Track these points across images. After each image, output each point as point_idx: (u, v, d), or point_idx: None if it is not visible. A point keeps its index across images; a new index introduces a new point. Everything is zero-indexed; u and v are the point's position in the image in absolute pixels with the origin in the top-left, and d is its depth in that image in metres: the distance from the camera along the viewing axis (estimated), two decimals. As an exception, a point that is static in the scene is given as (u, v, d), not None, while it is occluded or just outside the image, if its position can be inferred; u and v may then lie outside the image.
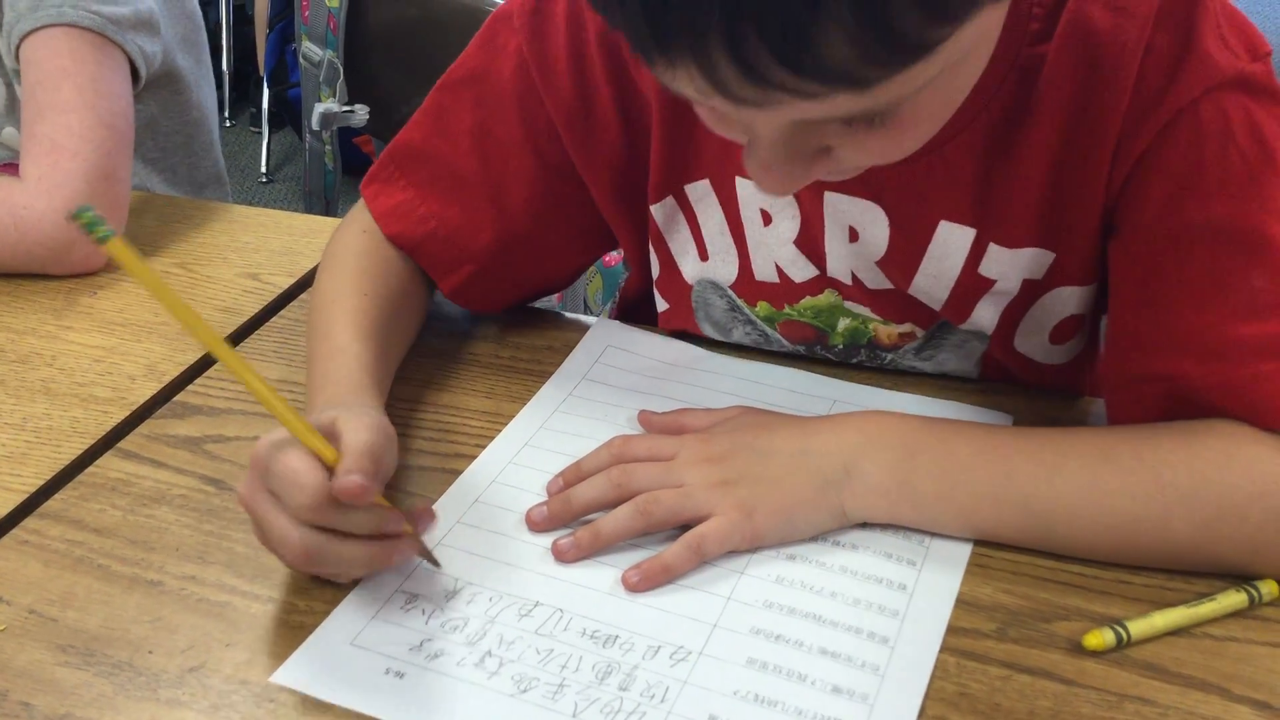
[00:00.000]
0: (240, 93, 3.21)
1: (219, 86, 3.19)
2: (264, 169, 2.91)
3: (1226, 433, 0.57)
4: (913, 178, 0.64)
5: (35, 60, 0.90)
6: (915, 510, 0.60)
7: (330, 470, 0.53)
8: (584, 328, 0.80)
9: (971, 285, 0.68)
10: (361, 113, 1.36)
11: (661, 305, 0.81)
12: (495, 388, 0.74)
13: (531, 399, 0.72)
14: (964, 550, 0.60)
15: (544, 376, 0.75)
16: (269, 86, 2.79)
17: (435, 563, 0.58)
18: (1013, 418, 0.70)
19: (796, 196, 0.69)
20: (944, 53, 0.44)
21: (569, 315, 0.84)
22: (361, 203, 0.79)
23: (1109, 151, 0.60)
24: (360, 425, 0.55)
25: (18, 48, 0.91)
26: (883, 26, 0.41)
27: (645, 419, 0.69)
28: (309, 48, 1.39)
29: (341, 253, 0.75)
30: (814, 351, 0.76)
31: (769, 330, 0.76)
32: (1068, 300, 0.68)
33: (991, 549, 0.60)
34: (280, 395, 0.53)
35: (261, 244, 0.92)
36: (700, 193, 0.72)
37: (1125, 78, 0.58)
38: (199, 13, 1.12)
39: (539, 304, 0.83)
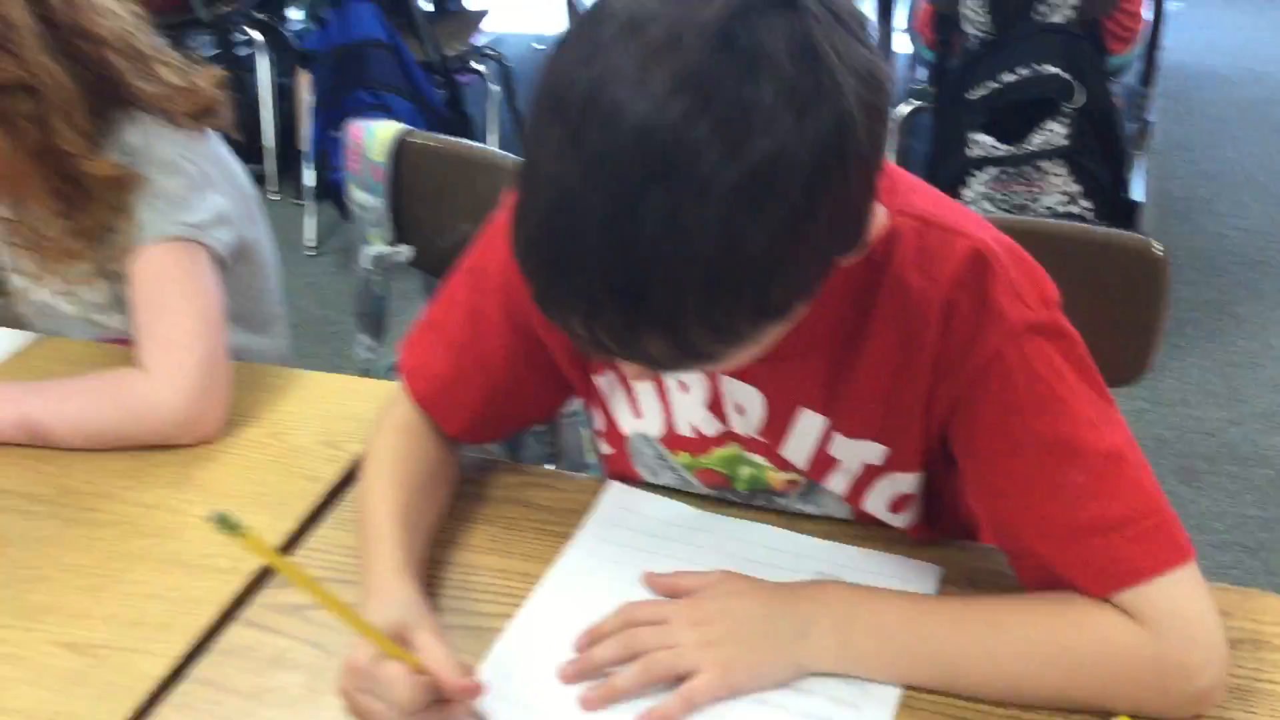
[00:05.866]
0: (283, 166, 3.42)
1: (260, 161, 3.40)
2: (311, 241, 3.12)
3: (1082, 605, 0.75)
4: (782, 374, 0.84)
5: (144, 272, 1.10)
6: (855, 664, 0.79)
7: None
8: (595, 488, 0.99)
9: (823, 460, 0.88)
10: (406, 251, 1.55)
11: (605, 449, 1.00)
12: (531, 550, 0.93)
13: (558, 559, 0.91)
14: (895, 694, 0.78)
15: (565, 537, 0.93)
16: (315, 169, 3.00)
17: None
18: (943, 569, 0.88)
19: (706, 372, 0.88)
20: (730, 356, 0.68)
21: (583, 477, 1.02)
22: (395, 396, 0.98)
23: (925, 382, 0.79)
24: (431, 636, 0.76)
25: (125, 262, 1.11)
26: (686, 346, 0.64)
27: (649, 580, 0.88)
28: (359, 195, 1.58)
29: (379, 448, 0.95)
30: (724, 494, 0.96)
31: (688, 476, 0.96)
32: (900, 482, 0.87)
33: (919, 692, 0.78)
34: (368, 623, 0.73)
35: (337, 410, 1.11)
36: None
37: (932, 329, 0.77)
38: (251, 183, 1.30)
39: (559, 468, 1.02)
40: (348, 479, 1.03)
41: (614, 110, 0.59)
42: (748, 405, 0.87)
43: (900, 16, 3.18)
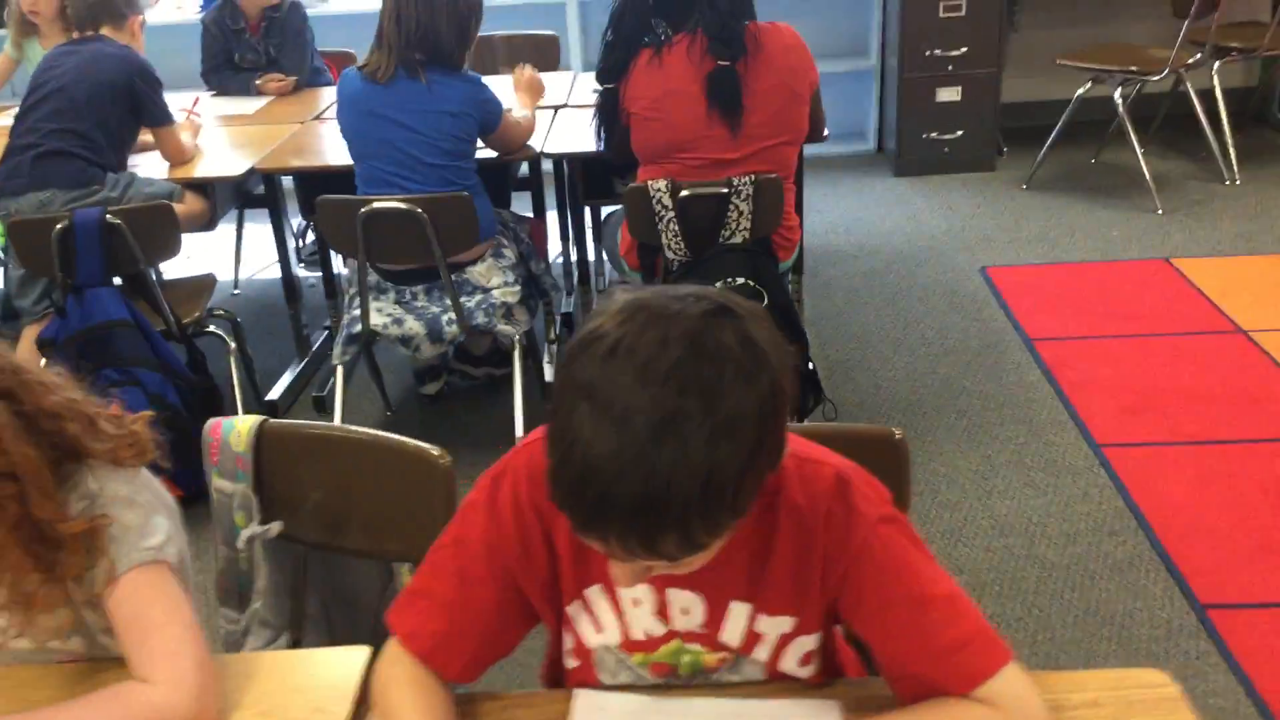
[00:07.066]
0: None
1: None
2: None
3: (954, 703, 1.11)
4: (716, 578, 1.15)
5: (125, 599, 1.26)
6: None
7: None
8: (564, 698, 1.24)
9: (751, 636, 1.21)
10: (276, 527, 1.74)
11: (572, 664, 1.28)
12: (535, 758, 1.17)
13: (561, 760, 1.16)
14: None
15: (558, 742, 1.19)
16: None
17: None
18: (839, 702, 1.21)
19: (654, 588, 1.19)
20: (715, 545, 1.00)
21: (551, 692, 1.28)
22: (391, 649, 1.21)
23: (819, 567, 1.14)
24: None
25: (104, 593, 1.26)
26: (692, 542, 0.96)
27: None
28: (222, 484, 1.75)
29: (396, 704, 1.17)
30: (670, 680, 1.26)
31: (642, 672, 1.25)
32: (806, 643, 1.21)
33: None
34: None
35: (312, 681, 1.30)
36: (595, 593, 1.22)
37: (818, 527, 1.13)
38: (171, 498, 1.47)
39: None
40: (352, 735, 1.23)
41: (629, 391, 0.92)
42: (691, 607, 1.19)
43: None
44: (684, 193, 2.82)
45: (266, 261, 4.62)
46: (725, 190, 2.81)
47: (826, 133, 3.21)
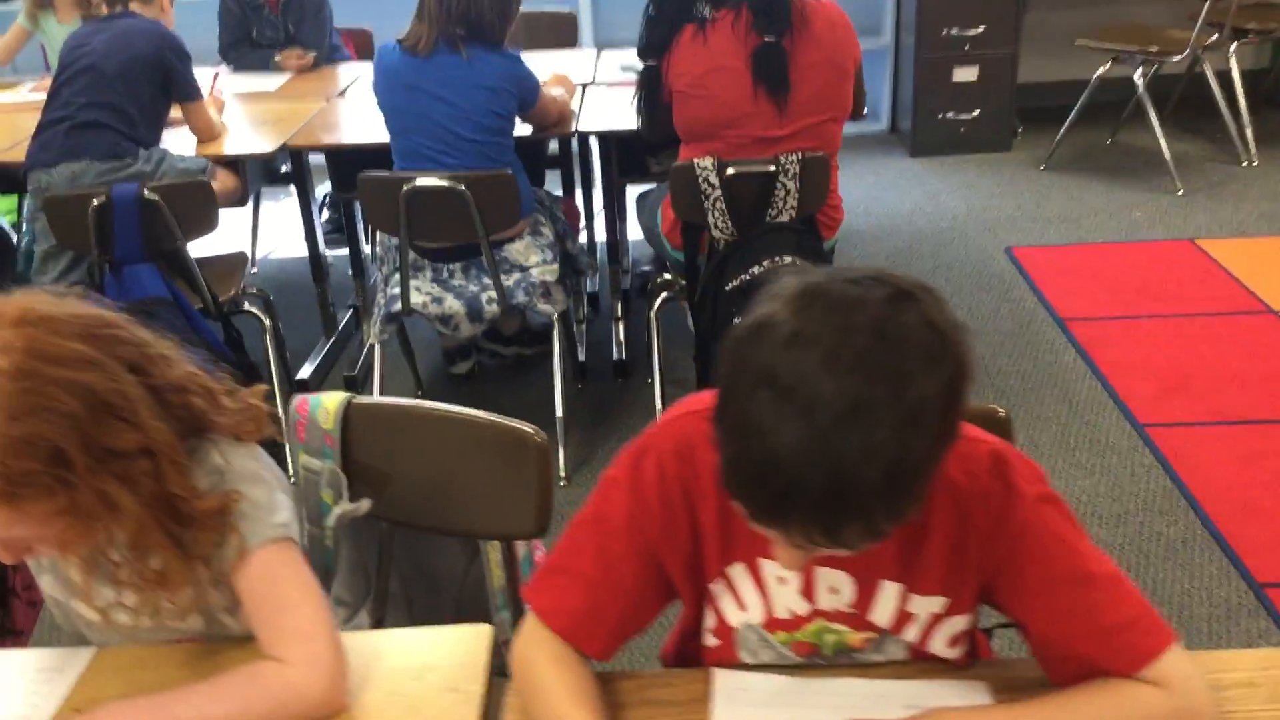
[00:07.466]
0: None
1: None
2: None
3: (1122, 684, 1.10)
4: (866, 557, 1.10)
5: (256, 576, 1.23)
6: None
7: None
8: (702, 677, 1.22)
9: (901, 616, 1.19)
10: (365, 504, 1.71)
11: (712, 642, 1.26)
12: (683, 736, 1.16)
13: (711, 741, 1.15)
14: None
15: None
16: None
17: None
18: (987, 684, 1.20)
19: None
20: (892, 532, 0.97)
21: (687, 671, 1.26)
22: (530, 626, 1.19)
23: (977, 547, 1.12)
24: None
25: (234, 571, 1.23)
26: (875, 531, 0.95)
27: (787, 739, 1.14)
28: (309, 462, 1.72)
29: (547, 683, 1.15)
30: (813, 660, 1.23)
31: (785, 650, 1.23)
32: (956, 623, 1.20)
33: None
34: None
35: (444, 660, 1.27)
36: (738, 571, 1.20)
37: (976, 506, 1.11)
38: (284, 474, 1.44)
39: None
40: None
41: (814, 380, 0.90)
42: (840, 586, 1.17)
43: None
44: (730, 171, 2.79)
45: (281, 240, 4.57)
46: (772, 168, 2.78)
47: (867, 110, 3.19)
